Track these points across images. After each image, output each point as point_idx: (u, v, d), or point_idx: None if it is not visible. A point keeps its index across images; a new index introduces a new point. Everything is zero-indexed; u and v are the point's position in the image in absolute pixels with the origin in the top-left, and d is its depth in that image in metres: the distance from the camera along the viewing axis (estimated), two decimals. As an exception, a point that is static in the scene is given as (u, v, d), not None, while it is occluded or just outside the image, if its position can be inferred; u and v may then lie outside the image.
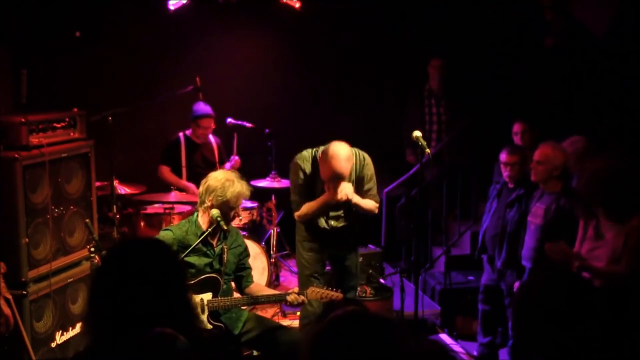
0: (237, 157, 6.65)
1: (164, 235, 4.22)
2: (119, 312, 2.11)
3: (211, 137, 6.74)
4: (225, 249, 4.27)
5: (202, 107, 6.53)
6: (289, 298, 4.20)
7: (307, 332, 4.61)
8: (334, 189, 4.62)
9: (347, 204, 4.72)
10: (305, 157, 4.77)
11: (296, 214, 4.80)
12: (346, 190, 4.64)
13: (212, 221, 4.18)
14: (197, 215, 4.29)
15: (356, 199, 4.71)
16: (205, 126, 6.53)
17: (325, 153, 4.57)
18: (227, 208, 4.18)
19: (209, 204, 4.18)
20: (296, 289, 4.31)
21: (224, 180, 4.20)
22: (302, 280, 4.87)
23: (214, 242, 4.26)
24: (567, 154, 4.84)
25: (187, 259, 4.09)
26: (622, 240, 4.05)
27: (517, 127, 5.79)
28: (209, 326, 4.15)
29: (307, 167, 4.74)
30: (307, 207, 4.74)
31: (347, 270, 4.94)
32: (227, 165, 6.62)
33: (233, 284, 4.43)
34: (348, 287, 4.92)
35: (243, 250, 4.43)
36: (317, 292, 4.24)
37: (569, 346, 1.92)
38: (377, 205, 4.87)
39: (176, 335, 1.96)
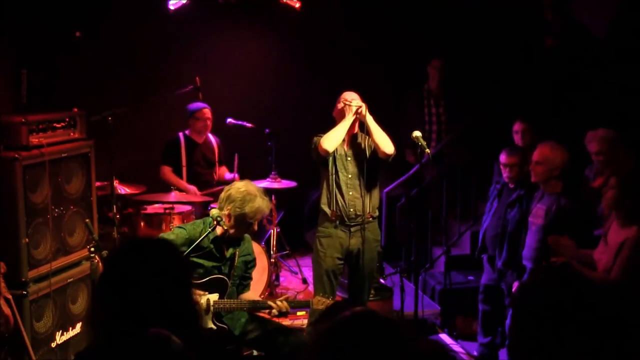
0: (237, 175, 6.66)
1: (178, 232, 4.23)
2: (123, 312, 2.12)
3: (211, 137, 6.74)
4: (237, 254, 4.27)
5: (196, 103, 6.57)
6: (272, 304, 4.18)
7: (312, 331, 4.62)
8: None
9: (364, 165, 4.79)
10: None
11: (320, 142, 4.73)
12: (354, 102, 4.77)
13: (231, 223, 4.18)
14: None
15: (371, 119, 4.75)
16: (205, 117, 6.54)
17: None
18: (243, 221, 4.20)
19: (226, 212, 4.19)
20: (284, 297, 4.30)
21: (245, 193, 4.20)
22: (317, 277, 4.87)
23: (225, 247, 4.27)
24: (567, 153, 4.83)
25: (196, 259, 4.10)
26: (617, 249, 4.10)
27: (517, 126, 5.79)
28: (213, 327, 4.16)
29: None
30: (327, 133, 4.77)
31: (361, 272, 4.89)
32: (228, 175, 6.61)
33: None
34: (361, 289, 4.92)
35: (252, 260, 4.43)
36: (323, 301, 4.24)
37: (564, 346, 1.92)
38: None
39: (170, 336, 1.96)
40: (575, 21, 6.43)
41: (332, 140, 4.73)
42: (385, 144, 4.76)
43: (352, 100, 4.83)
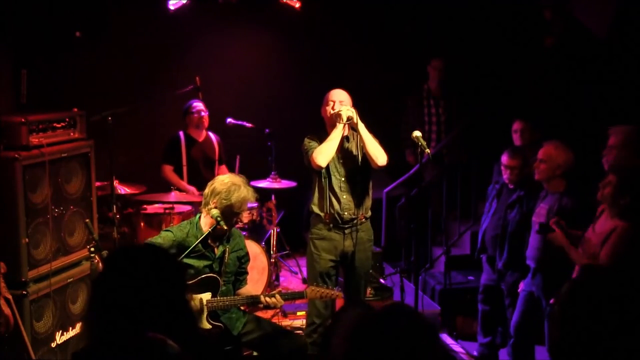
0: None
1: (165, 235, 4.22)
2: (117, 317, 2.12)
3: (211, 135, 6.74)
4: (227, 251, 4.27)
5: (188, 102, 6.59)
6: (262, 299, 4.18)
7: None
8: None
9: (358, 167, 4.77)
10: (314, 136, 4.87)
11: (313, 157, 4.68)
12: (344, 110, 4.69)
13: (213, 222, 4.17)
14: (199, 217, 4.29)
15: (363, 128, 4.71)
16: (198, 109, 6.54)
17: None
18: (231, 212, 4.18)
19: (213, 206, 4.17)
20: (276, 291, 4.29)
21: (230, 184, 4.19)
22: (312, 279, 4.85)
23: (215, 245, 4.26)
24: (571, 153, 4.82)
25: (186, 260, 4.08)
26: (602, 239, 4.21)
27: (516, 125, 5.79)
28: (208, 326, 4.15)
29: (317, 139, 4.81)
30: (320, 146, 4.71)
31: (357, 272, 4.88)
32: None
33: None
34: (357, 289, 4.91)
35: (244, 254, 4.42)
36: (317, 291, 4.24)
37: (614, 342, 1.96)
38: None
39: (166, 341, 1.96)
40: (575, 21, 6.43)
41: (325, 154, 4.67)
42: (378, 155, 4.73)
43: (341, 104, 4.77)
